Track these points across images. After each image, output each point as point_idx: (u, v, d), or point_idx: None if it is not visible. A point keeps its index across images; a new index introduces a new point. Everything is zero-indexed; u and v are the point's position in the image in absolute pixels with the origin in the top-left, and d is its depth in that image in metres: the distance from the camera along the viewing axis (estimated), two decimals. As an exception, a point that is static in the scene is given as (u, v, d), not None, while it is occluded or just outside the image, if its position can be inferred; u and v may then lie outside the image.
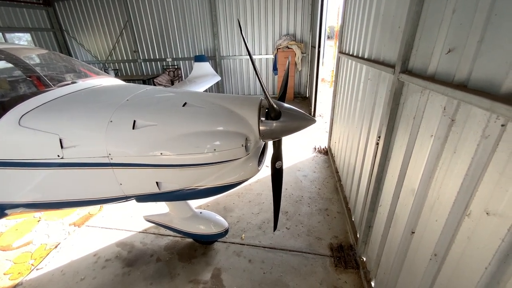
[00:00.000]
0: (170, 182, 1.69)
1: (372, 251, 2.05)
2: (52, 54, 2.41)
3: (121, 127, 1.55)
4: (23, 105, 1.61)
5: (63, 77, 2.13)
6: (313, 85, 6.69)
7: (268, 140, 1.75)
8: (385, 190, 1.83)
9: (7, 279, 2.32)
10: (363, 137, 2.46)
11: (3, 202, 1.80)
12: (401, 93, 1.58)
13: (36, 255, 2.55)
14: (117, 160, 1.57)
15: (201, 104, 1.71)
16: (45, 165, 1.62)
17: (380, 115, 2.00)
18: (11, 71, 2.06)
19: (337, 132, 3.87)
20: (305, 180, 3.69)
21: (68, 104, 1.73)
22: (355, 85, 2.82)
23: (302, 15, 7.84)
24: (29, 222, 3.02)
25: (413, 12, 1.42)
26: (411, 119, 1.45)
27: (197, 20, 8.45)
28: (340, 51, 3.64)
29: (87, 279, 2.26)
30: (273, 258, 2.40)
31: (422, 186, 1.32)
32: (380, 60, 2.02)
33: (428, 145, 1.27)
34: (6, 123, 1.55)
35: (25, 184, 1.73)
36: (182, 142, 1.54)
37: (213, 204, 3.22)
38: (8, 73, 2.07)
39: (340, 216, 2.93)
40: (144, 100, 1.76)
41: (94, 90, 1.95)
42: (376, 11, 2.17)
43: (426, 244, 1.29)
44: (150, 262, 2.41)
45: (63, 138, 1.54)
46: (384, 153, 1.81)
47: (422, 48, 1.39)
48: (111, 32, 9.27)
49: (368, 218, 2.10)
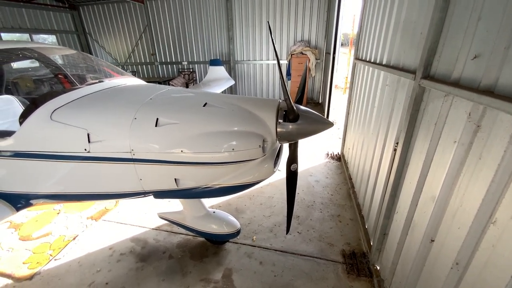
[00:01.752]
0: (188, 179, 1.73)
1: (386, 259, 2.01)
2: (81, 54, 2.55)
3: (144, 124, 1.62)
4: (55, 101, 1.71)
5: (91, 76, 2.24)
6: (326, 91, 6.68)
7: (284, 142, 1.76)
8: (402, 197, 1.81)
9: (26, 268, 2.41)
10: (379, 143, 2.44)
11: (30, 192, 1.90)
12: (422, 99, 1.57)
13: (54, 246, 2.65)
14: (139, 156, 1.63)
15: (220, 104, 1.75)
16: (72, 158, 1.70)
17: (398, 121, 1.98)
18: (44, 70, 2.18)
19: (351, 138, 3.84)
20: (317, 185, 3.66)
21: (96, 101, 1.82)
22: (372, 91, 2.81)
23: (317, 21, 7.89)
24: (49, 214, 3.14)
25: (436, 18, 1.42)
26: (432, 125, 1.44)
27: (214, 25, 8.66)
28: (357, 58, 3.64)
29: (103, 271, 2.32)
30: (284, 262, 2.39)
31: (444, 193, 1.30)
32: (400, 66, 2.01)
33: (451, 151, 1.25)
34: (39, 117, 1.64)
35: (51, 176, 1.81)
36: (202, 140, 1.58)
37: (225, 205, 3.25)
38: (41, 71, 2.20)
39: (353, 223, 2.89)
40: (166, 99, 1.82)
41: (119, 89, 2.04)
42: (396, 18, 2.17)
43: (447, 253, 1.26)
44: (162, 258, 2.45)
45: (91, 133, 1.62)
46: (402, 160, 1.79)
47: (446, 54, 1.38)
48: (131, 35, 9.63)
49: (383, 225, 2.06)
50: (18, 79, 2.70)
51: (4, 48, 2.20)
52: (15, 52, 2.17)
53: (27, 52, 2.17)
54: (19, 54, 2.14)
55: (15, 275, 2.32)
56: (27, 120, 1.64)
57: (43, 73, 2.21)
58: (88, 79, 2.12)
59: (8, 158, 1.77)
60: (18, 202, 1.89)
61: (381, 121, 2.41)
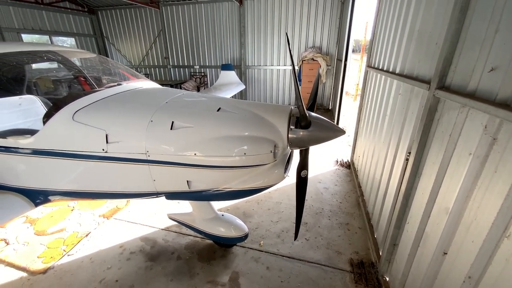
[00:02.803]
0: (200, 182, 1.77)
1: (396, 270, 1.98)
2: (100, 57, 2.66)
3: (160, 127, 1.67)
4: (78, 102, 1.79)
5: (110, 79, 2.33)
6: (337, 98, 6.66)
7: (295, 149, 1.78)
8: (414, 207, 1.78)
9: (40, 262, 2.49)
10: (390, 152, 2.42)
11: (48, 189, 1.98)
12: (436, 109, 1.56)
13: (68, 241, 2.73)
14: (153, 157, 1.68)
15: (234, 109, 1.79)
16: (90, 157, 1.76)
17: (410, 131, 1.97)
18: (66, 72, 2.28)
19: (361, 146, 3.81)
20: (326, 192, 3.64)
21: (115, 104, 1.89)
22: (384, 99, 2.79)
23: (329, 28, 7.92)
24: (64, 211, 3.24)
25: (453, 30, 1.42)
26: (446, 136, 1.43)
27: (226, 30, 8.82)
28: (369, 65, 3.63)
29: (113, 268, 2.38)
30: (291, 268, 2.38)
31: (458, 205, 1.29)
32: (414, 76, 2.01)
33: (466, 163, 1.24)
34: (62, 117, 1.72)
35: (69, 173, 1.89)
36: (215, 144, 1.62)
37: (233, 208, 3.27)
38: (63, 73, 2.31)
39: (362, 231, 2.86)
40: (182, 103, 1.88)
41: (136, 92, 2.12)
42: (410, 27, 2.17)
43: (459, 266, 1.24)
44: (171, 259, 2.49)
45: (109, 134, 1.68)
46: (414, 170, 1.78)
47: (461, 65, 1.38)
48: (146, 39, 9.92)
49: (394, 235, 2.04)
50: (38, 80, 2.84)
51: (30, 50, 2.32)
52: (40, 54, 2.28)
53: (51, 54, 2.28)
54: (43, 56, 2.26)
55: (29, 269, 2.41)
56: (51, 120, 1.72)
57: (65, 75, 2.31)
58: (107, 81, 2.21)
59: (30, 156, 1.85)
60: (37, 198, 1.97)
61: (393, 130, 2.39)
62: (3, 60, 2.06)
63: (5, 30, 7.50)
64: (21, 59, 2.23)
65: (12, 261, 2.50)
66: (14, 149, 1.86)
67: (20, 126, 2.14)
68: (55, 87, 2.53)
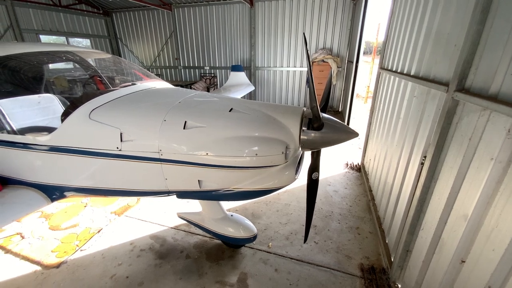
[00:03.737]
0: (211, 182, 1.78)
1: (409, 277, 1.93)
2: (116, 58, 2.72)
3: (173, 126, 1.69)
4: (94, 101, 1.83)
5: (125, 79, 2.38)
6: (347, 100, 6.58)
7: (307, 150, 1.76)
8: (429, 213, 1.73)
9: (54, 256, 2.56)
10: (404, 156, 2.36)
11: (64, 185, 2.03)
12: (454, 112, 1.52)
13: (81, 237, 2.79)
14: (166, 156, 1.70)
15: (246, 110, 1.80)
16: (104, 155, 1.80)
17: (426, 134, 1.92)
18: (83, 71, 2.35)
19: (373, 149, 3.74)
20: (335, 195, 3.59)
21: (129, 103, 1.93)
22: (397, 102, 2.74)
23: (340, 29, 7.85)
24: (77, 207, 3.33)
25: (473, 31, 1.38)
26: (466, 140, 1.38)
27: (236, 32, 8.88)
28: (382, 67, 3.57)
29: (124, 265, 2.41)
30: (300, 271, 2.36)
31: (477, 212, 1.24)
32: (430, 78, 1.96)
33: (487, 168, 1.20)
34: (79, 116, 1.77)
35: (84, 170, 1.93)
36: (226, 144, 1.62)
37: (241, 209, 3.27)
38: (81, 74, 2.37)
39: (372, 236, 2.80)
40: (194, 103, 1.89)
41: (150, 92, 2.15)
42: (427, 28, 2.12)
43: (479, 275, 1.19)
44: (180, 257, 2.51)
45: (123, 132, 1.71)
46: (430, 174, 1.73)
47: (483, 67, 1.33)
48: (158, 40, 10.11)
49: (407, 241, 1.98)
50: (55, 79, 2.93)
51: (50, 51, 2.40)
52: (60, 54, 2.36)
53: (69, 55, 2.35)
54: (63, 56, 2.33)
55: (43, 262, 2.47)
56: (68, 118, 1.77)
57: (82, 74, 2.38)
58: (122, 81, 2.26)
59: (48, 152, 1.91)
60: (53, 193, 2.03)
61: (407, 133, 2.34)
62: (24, 60, 2.14)
63: (25, 31, 7.79)
64: (41, 59, 2.31)
65: (27, 254, 2.58)
66: (32, 146, 1.92)
67: (38, 123, 2.21)
68: (72, 86, 2.61)
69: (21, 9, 7.67)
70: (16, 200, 1.96)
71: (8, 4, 7.25)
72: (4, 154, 2.02)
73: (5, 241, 2.74)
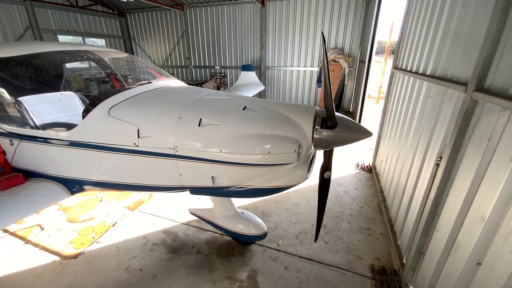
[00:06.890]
0: (224, 178, 1.81)
1: (422, 279, 1.90)
2: (132, 57, 2.80)
3: (188, 124, 1.73)
4: (113, 99, 1.90)
5: (141, 77, 2.45)
6: (358, 100, 6.50)
7: (319, 149, 1.76)
8: (445, 215, 1.71)
9: (72, 247, 2.66)
10: (418, 157, 2.33)
11: (84, 179, 2.11)
12: (473, 112, 1.49)
13: (97, 230, 2.89)
14: (181, 153, 1.74)
15: (259, 108, 1.82)
16: (122, 150, 1.86)
17: (442, 135, 1.89)
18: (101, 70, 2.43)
19: (385, 150, 3.69)
20: (346, 196, 3.57)
21: (146, 100, 1.99)
22: (412, 102, 2.70)
23: (352, 29, 7.76)
24: (93, 201, 3.44)
25: (494, 29, 1.35)
26: (484, 141, 1.36)
27: (247, 31, 8.92)
28: (395, 67, 3.52)
29: (137, 258, 2.49)
30: (310, 270, 2.36)
31: (495, 214, 1.22)
32: (447, 77, 1.92)
33: (506, 170, 1.18)
34: (99, 112, 1.84)
35: (102, 165, 2.00)
36: (240, 142, 1.65)
37: (251, 207, 3.30)
38: (99, 72, 2.46)
39: (383, 238, 2.77)
40: (209, 102, 1.93)
41: (166, 90, 2.21)
42: (445, 27, 2.08)
43: (495, 277, 1.17)
44: (191, 253, 2.56)
45: (141, 129, 1.77)
46: (445, 175, 1.70)
47: (503, 67, 1.30)
48: (170, 40, 10.28)
49: (420, 243, 1.96)
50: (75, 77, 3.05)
51: (70, 50, 2.50)
52: (80, 53, 2.45)
53: (89, 54, 2.44)
54: (83, 55, 2.42)
55: (62, 253, 2.58)
56: (89, 114, 1.85)
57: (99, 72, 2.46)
58: (139, 80, 2.32)
59: (68, 147, 1.99)
60: (73, 186, 2.12)
61: (422, 134, 2.30)
62: (49, 58, 2.24)
63: (43, 31, 8.09)
64: (64, 57, 2.41)
65: (46, 245, 2.69)
66: (54, 141, 2.01)
67: (60, 120, 2.31)
68: (92, 84, 2.71)
69: (40, 10, 7.97)
70: (38, 192, 2.06)
71: (28, 4, 7.55)
72: (28, 148, 2.13)
73: (25, 232, 2.87)
